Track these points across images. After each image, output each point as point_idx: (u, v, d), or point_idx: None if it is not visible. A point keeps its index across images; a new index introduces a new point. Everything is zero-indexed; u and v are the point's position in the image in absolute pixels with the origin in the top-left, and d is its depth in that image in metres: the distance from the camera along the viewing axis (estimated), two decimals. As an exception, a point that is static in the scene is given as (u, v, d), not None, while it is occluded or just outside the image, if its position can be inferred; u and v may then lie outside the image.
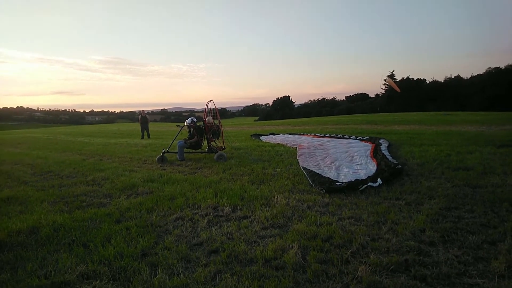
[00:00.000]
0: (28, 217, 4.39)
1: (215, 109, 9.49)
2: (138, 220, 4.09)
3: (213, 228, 3.79)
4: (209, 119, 9.08)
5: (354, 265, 2.78)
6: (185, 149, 8.86)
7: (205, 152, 8.99)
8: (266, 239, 3.41)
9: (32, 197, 5.52)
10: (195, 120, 9.16)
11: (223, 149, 9.07)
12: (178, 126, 9.77)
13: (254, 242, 3.37)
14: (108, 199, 5.25)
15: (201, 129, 8.96)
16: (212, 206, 4.57)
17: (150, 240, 3.45)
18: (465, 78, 57.68)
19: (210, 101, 9.43)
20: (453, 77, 59.63)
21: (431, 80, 61.59)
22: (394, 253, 2.95)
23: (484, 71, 53.45)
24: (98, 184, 6.31)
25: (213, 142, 9.14)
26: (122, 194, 5.45)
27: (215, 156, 8.30)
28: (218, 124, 9.23)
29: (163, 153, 8.55)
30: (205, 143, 9.16)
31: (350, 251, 3.04)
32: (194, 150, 8.98)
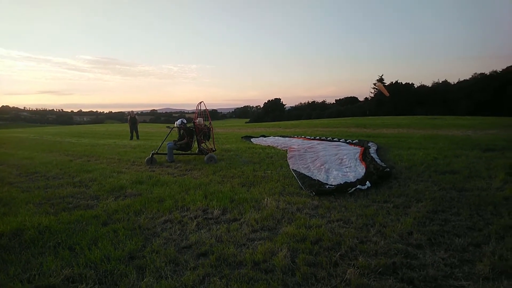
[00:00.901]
0: (12, 219, 4.27)
1: (205, 110, 9.45)
2: (126, 223, 4.02)
3: (202, 231, 3.75)
4: (199, 120, 9.04)
5: (342, 268, 2.80)
6: (174, 151, 8.79)
7: (195, 154, 8.93)
8: (255, 242, 3.40)
9: (17, 199, 5.39)
10: (185, 121, 9.11)
11: (213, 151, 9.03)
12: (168, 127, 9.70)
13: (244, 245, 3.36)
14: (95, 201, 5.16)
15: (191, 131, 8.90)
16: (201, 209, 4.53)
17: (137, 243, 3.40)
18: (452, 83, 58.95)
19: (201, 102, 9.39)
20: (440, 82, 60.89)
21: (419, 84, 62.76)
22: (382, 256, 2.98)
23: (470, 76, 54.78)
24: (85, 186, 6.20)
25: (203, 143, 9.09)
26: (110, 196, 5.36)
27: (205, 158, 8.26)
28: (208, 125, 9.19)
29: (152, 154, 8.47)
30: (195, 144, 9.11)
31: (338, 253, 3.05)
32: (184, 152, 8.92)
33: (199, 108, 9.40)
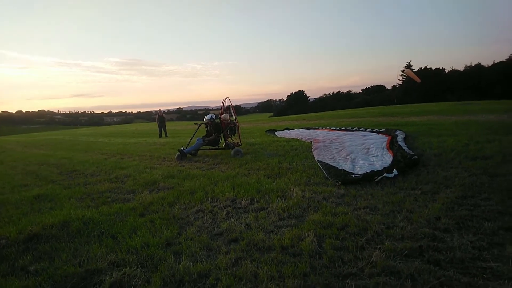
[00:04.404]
0: (59, 212, 4.67)
1: (230, 106, 9.63)
2: (161, 213, 4.30)
3: (232, 219, 3.95)
4: (225, 116, 9.24)
5: (369, 251, 2.88)
6: (203, 146, 9.02)
7: (222, 149, 9.16)
8: (283, 229, 3.54)
9: (60, 195, 5.84)
10: (213, 117, 9.31)
11: (239, 145, 9.22)
12: (195, 124, 9.99)
13: (272, 231, 3.51)
14: (132, 194, 5.50)
15: (219, 126, 9.12)
16: (230, 199, 4.73)
17: (173, 231, 3.64)
18: (487, 66, 55.77)
19: (226, 98, 9.57)
20: (473, 65, 57.77)
21: (450, 69, 59.93)
22: (409, 240, 3.02)
23: (507, 57, 51.53)
24: (121, 181, 6.60)
25: (229, 138, 9.30)
26: (145, 190, 5.69)
27: (232, 152, 8.46)
28: (234, 120, 9.38)
29: (181, 150, 8.75)
30: (222, 139, 9.32)
31: (365, 238, 3.13)
32: (212, 147, 9.17)
33: (225, 104, 9.60)
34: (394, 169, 5.39)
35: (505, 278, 2.37)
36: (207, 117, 9.30)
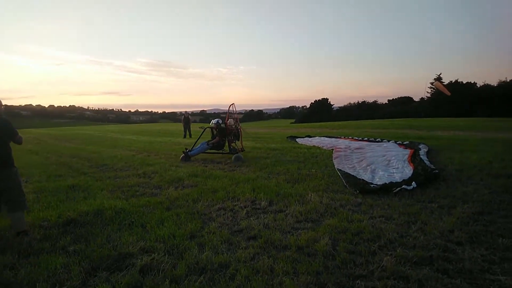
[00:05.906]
0: (92, 202, 5.06)
1: (234, 112, 9.84)
2: (186, 208, 4.60)
3: (251, 218, 4.18)
4: (230, 121, 9.45)
5: (380, 256, 3.02)
6: (209, 150, 9.27)
7: (226, 153, 9.37)
8: (299, 231, 3.74)
9: (92, 186, 6.27)
10: (220, 121, 9.57)
11: (242, 151, 9.42)
12: (200, 128, 10.25)
13: (288, 232, 3.71)
14: (158, 190, 5.85)
15: (224, 131, 9.34)
16: (250, 200, 4.97)
17: (197, 225, 3.92)
18: (523, 82, 53.25)
19: (232, 104, 9.78)
20: (508, 80, 55.38)
21: (482, 84, 57.77)
22: (420, 249, 3.14)
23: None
24: (148, 177, 6.99)
25: (233, 144, 9.52)
26: (170, 186, 6.03)
27: (233, 158, 8.65)
28: (237, 126, 9.60)
29: (185, 152, 9.07)
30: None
31: (377, 244, 3.28)
32: (216, 151, 9.42)
33: (232, 109, 9.78)
34: (413, 182, 5.45)
35: (511, 291, 2.46)
36: (213, 121, 9.56)
